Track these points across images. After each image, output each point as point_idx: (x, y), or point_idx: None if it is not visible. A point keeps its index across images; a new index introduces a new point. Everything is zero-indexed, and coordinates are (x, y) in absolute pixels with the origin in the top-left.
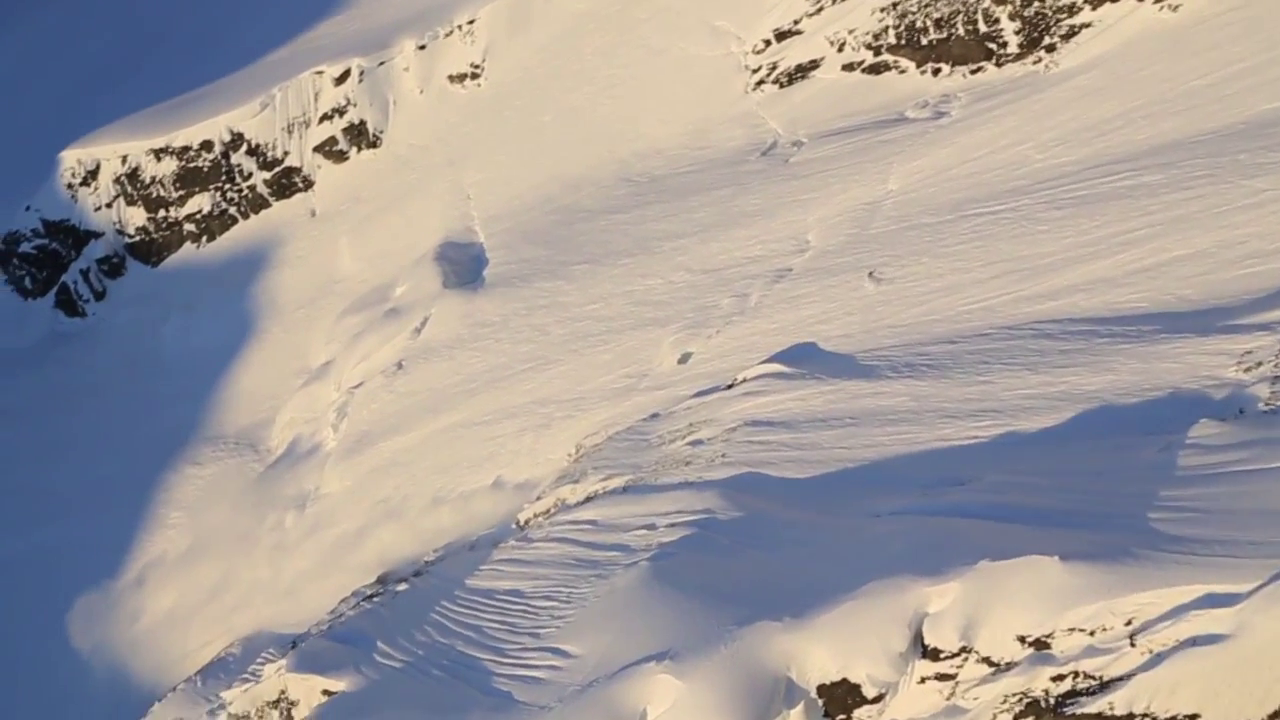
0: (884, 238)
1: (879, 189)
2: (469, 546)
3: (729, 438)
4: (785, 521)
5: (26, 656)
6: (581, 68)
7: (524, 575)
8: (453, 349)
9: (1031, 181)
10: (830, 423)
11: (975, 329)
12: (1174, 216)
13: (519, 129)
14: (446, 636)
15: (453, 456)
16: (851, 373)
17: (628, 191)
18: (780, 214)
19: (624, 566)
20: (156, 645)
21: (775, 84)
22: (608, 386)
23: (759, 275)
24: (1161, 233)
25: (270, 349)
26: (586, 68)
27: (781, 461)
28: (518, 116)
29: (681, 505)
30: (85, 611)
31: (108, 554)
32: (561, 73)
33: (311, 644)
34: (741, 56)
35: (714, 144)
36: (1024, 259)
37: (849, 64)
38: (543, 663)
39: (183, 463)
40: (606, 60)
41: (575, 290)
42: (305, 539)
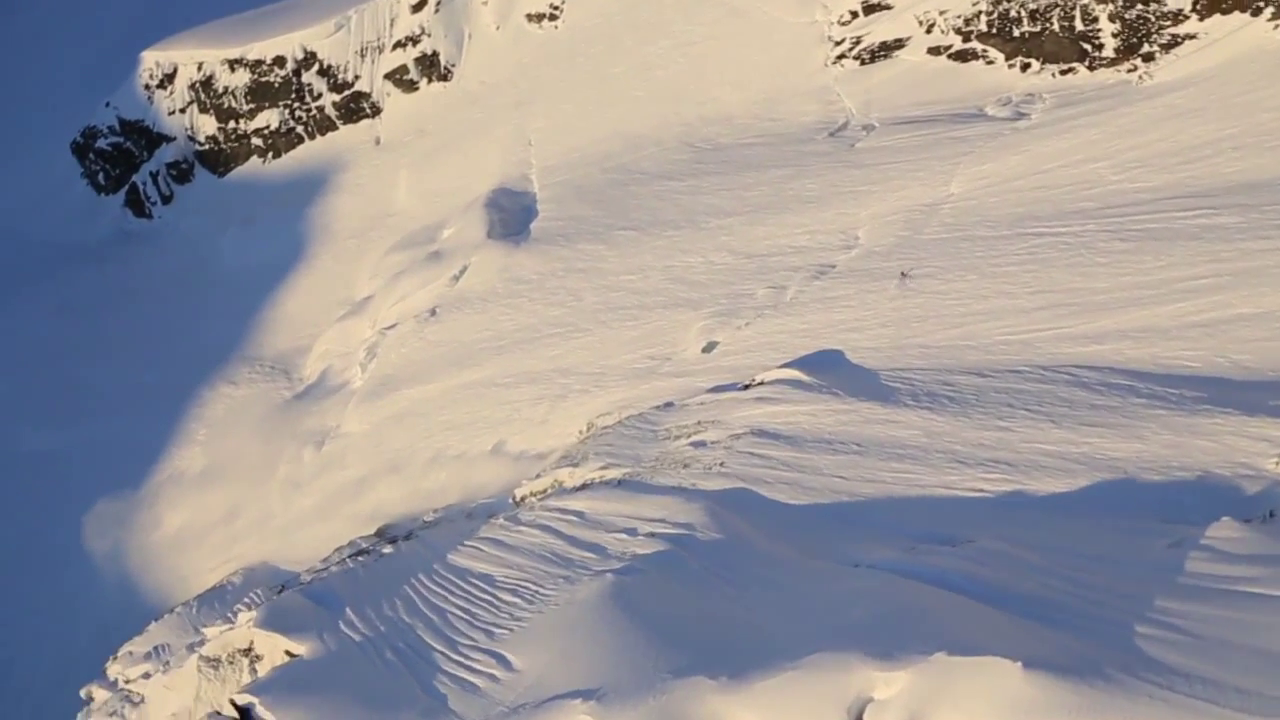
0: (935, 246)
1: (940, 191)
2: (466, 514)
3: (732, 445)
4: (761, 557)
5: (46, 551)
6: (660, 20)
7: (501, 561)
8: (486, 302)
9: (1100, 205)
10: (836, 446)
11: (1009, 363)
12: (1246, 268)
13: (589, 77)
14: (411, 615)
15: (467, 415)
16: (870, 393)
17: (688, 157)
18: (834, 204)
19: (592, 574)
20: (168, 560)
21: (856, 60)
22: (630, 365)
23: (801, 268)
24: (1229, 284)
25: (318, 275)
26: (665, 21)
27: (777, 481)
28: (590, 64)
29: (667, 513)
30: (104, 515)
31: (134, 461)
32: (639, 23)
33: (284, 600)
34: (826, 27)
35: (784, 117)
36: (1076, 292)
37: (935, 48)
38: (485, 669)
39: (219, 379)
40: (686, 16)
41: (615, 257)
42: (316, 477)
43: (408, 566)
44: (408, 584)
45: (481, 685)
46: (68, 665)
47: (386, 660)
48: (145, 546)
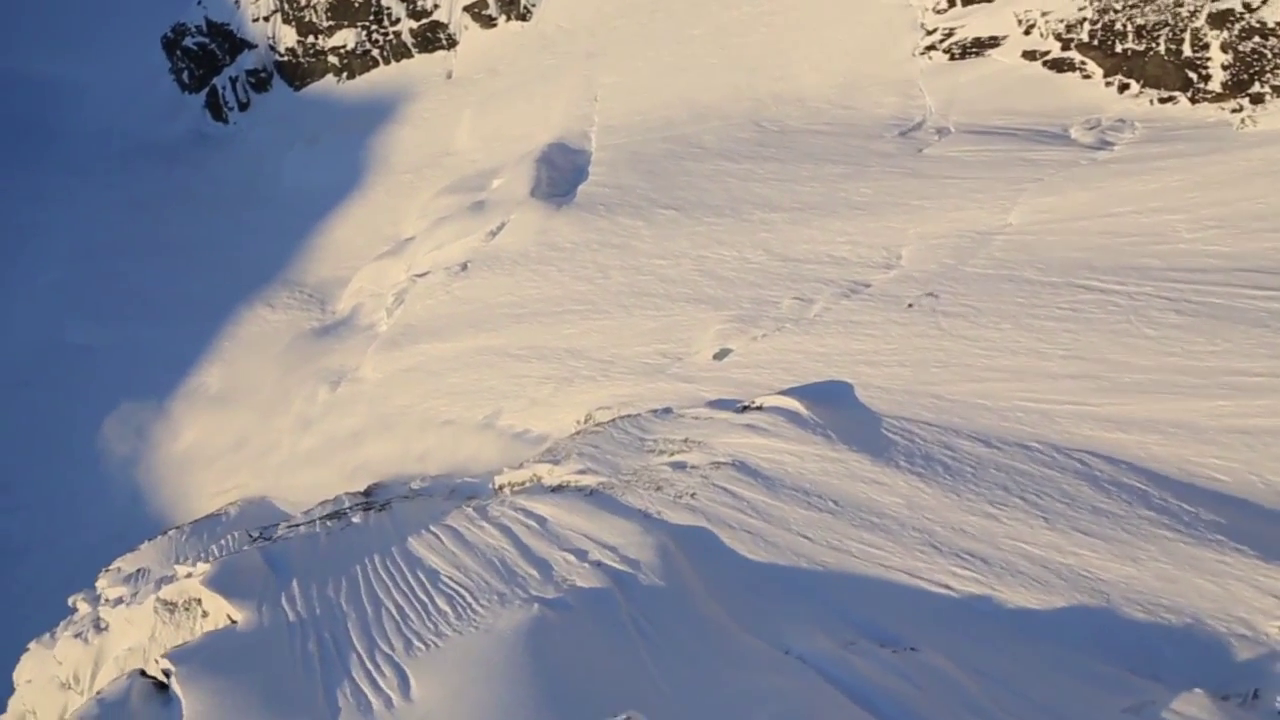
0: (976, 282)
1: (997, 218)
2: (450, 490)
3: (709, 475)
4: (693, 621)
5: (71, 445)
6: None
7: (452, 559)
8: (517, 265)
9: (1164, 264)
10: (812, 499)
11: (1021, 435)
12: None
13: (666, 36)
14: (349, 602)
15: (475, 382)
16: (865, 441)
17: (751, 137)
18: (885, 215)
19: (524, 600)
20: (176, 476)
21: (946, 54)
22: (640, 359)
23: (833, 282)
24: None
25: (369, 207)
26: None
27: (741, 528)
28: (669, 22)
29: (621, 542)
30: (126, 419)
31: (164, 369)
32: None
33: (238, 559)
34: (920, 13)
35: (859, 106)
36: (1112, 365)
37: (1032, 52)
38: (386, 689)
39: (258, 299)
40: None
41: (651, 237)
42: (323, 419)
43: (367, 543)
44: (360, 563)
45: (376, 708)
46: (75, 564)
47: (306, 652)
48: (158, 459)
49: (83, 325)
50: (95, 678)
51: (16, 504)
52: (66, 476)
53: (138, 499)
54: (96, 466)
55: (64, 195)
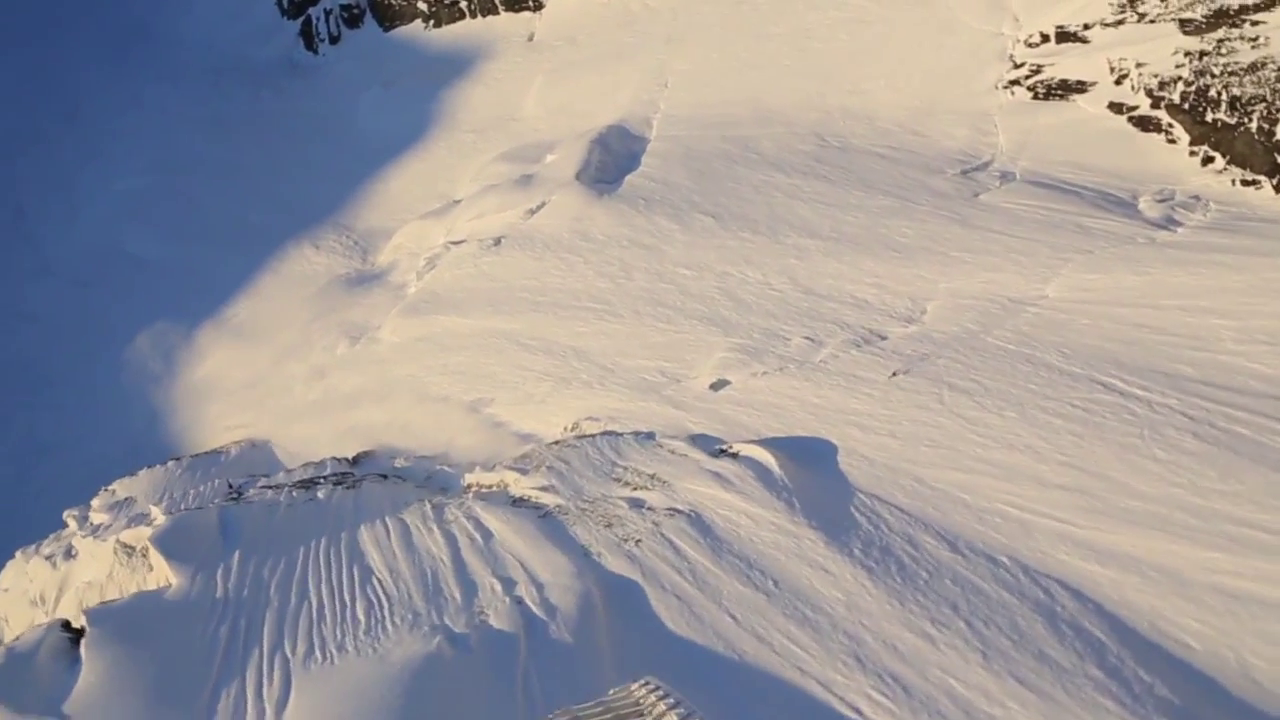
0: (994, 356)
1: (1034, 288)
2: (426, 475)
3: (661, 522)
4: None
5: (107, 354)
6: None
7: (392, 559)
8: (547, 249)
9: (1198, 376)
10: (753, 574)
11: (991, 545)
12: None
13: (746, 30)
14: (280, 587)
15: (479, 364)
16: (828, 517)
17: (810, 150)
18: (920, 262)
19: (430, 629)
20: (191, 404)
21: (1030, 91)
22: (640, 373)
23: (849, 327)
24: None
25: (429, 161)
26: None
27: (672, 591)
28: (752, 16)
29: (550, 579)
30: (157, 339)
31: (204, 294)
32: None
33: (189, 519)
34: (1011, 43)
35: (929, 134)
36: (1111, 484)
37: (1119, 104)
38: (265, 700)
39: (307, 238)
40: None
41: (682, 243)
42: (336, 372)
43: (322, 523)
44: (306, 545)
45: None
46: (89, 473)
47: (217, 636)
48: (178, 384)
49: (142, 236)
50: (58, 603)
51: (51, 401)
52: (99, 384)
53: (154, 420)
54: (125, 380)
55: (154, 103)
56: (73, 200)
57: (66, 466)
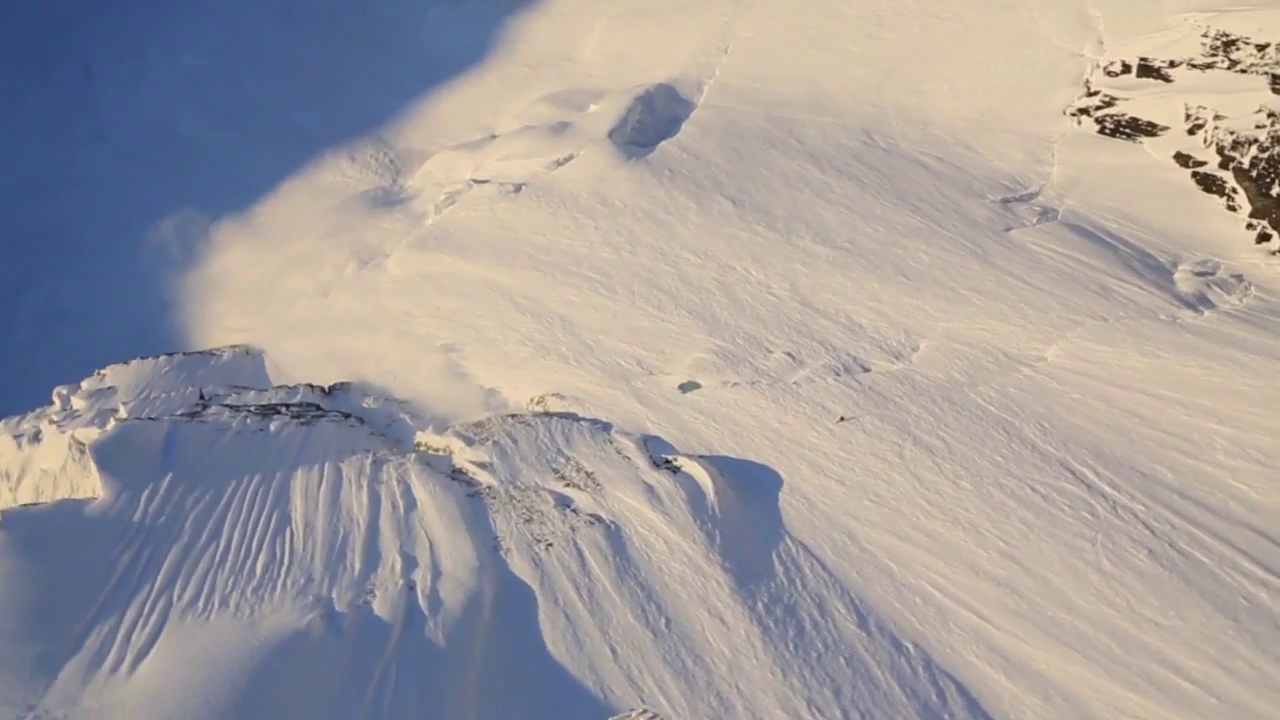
0: (971, 415)
1: (1035, 347)
2: (388, 421)
3: (579, 529)
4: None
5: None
6: None
7: (312, 511)
8: (563, 206)
9: (1177, 484)
10: (648, 608)
11: (902, 627)
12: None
13: (819, 4)
14: (197, 521)
15: (469, 313)
16: (744, 559)
17: (854, 146)
18: (927, 294)
19: (312, 600)
20: (200, 298)
21: (1097, 124)
22: (616, 356)
23: (836, 350)
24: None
25: (479, 89)
26: None
27: (563, 609)
28: None
29: (451, 569)
30: (182, 225)
31: (237, 188)
32: None
33: (133, 431)
34: (1090, 68)
35: (981, 151)
36: (1045, 589)
37: (1186, 156)
38: (130, 649)
39: (344, 150)
40: None
41: (695, 225)
42: (338, 293)
43: (262, 458)
44: (238, 480)
45: (101, 670)
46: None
47: (117, 564)
48: (191, 275)
49: (195, 118)
50: (20, 484)
51: (77, 268)
52: (122, 261)
53: (163, 307)
54: (143, 261)
55: None
56: (139, 70)
57: (79, 338)
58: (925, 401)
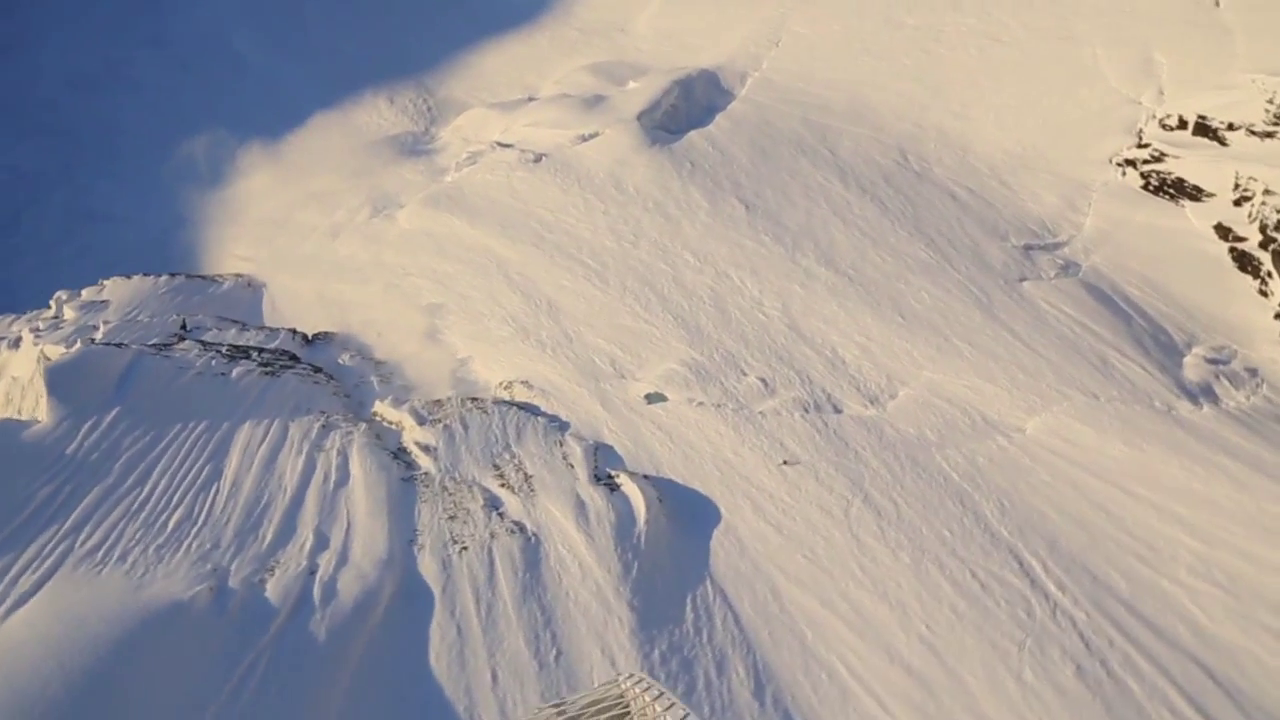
0: (931, 480)
1: (1016, 416)
2: (356, 382)
3: (497, 535)
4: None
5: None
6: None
7: (246, 469)
8: (577, 184)
9: (1125, 597)
10: (540, 638)
11: (797, 704)
12: None
13: (879, 11)
14: (129, 463)
15: (462, 282)
16: (656, 598)
17: (886, 164)
18: (919, 339)
19: (210, 570)
20: (215, 221)
21: (1142, 179)
22: (591, 352)
23: (812, 383)
24: None
25: (527, 48)
26: (991, 1)
27: (455, 621)
28: None
29: (360, 558)
30: (213, 144)
31: (273, 111)
32: None
33: (97, 357)
34: (1145, 117)
35: (1016, 189)
36: (957, 687)
37: (1226, 230)
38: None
39: (386, 89)
40: (1015, 9)
41: (702, 225)
42: (346, 236)
43: (213, 404)
44: (184, 423)
45: None
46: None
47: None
48: (212, 195)
49: (250, 37)
50: None
51: (113, 170)
52: (156, 169)
53: (180, 222)
54: (169, 174)
55: None
56: None
57: (100, 240)
58: (888, 456)
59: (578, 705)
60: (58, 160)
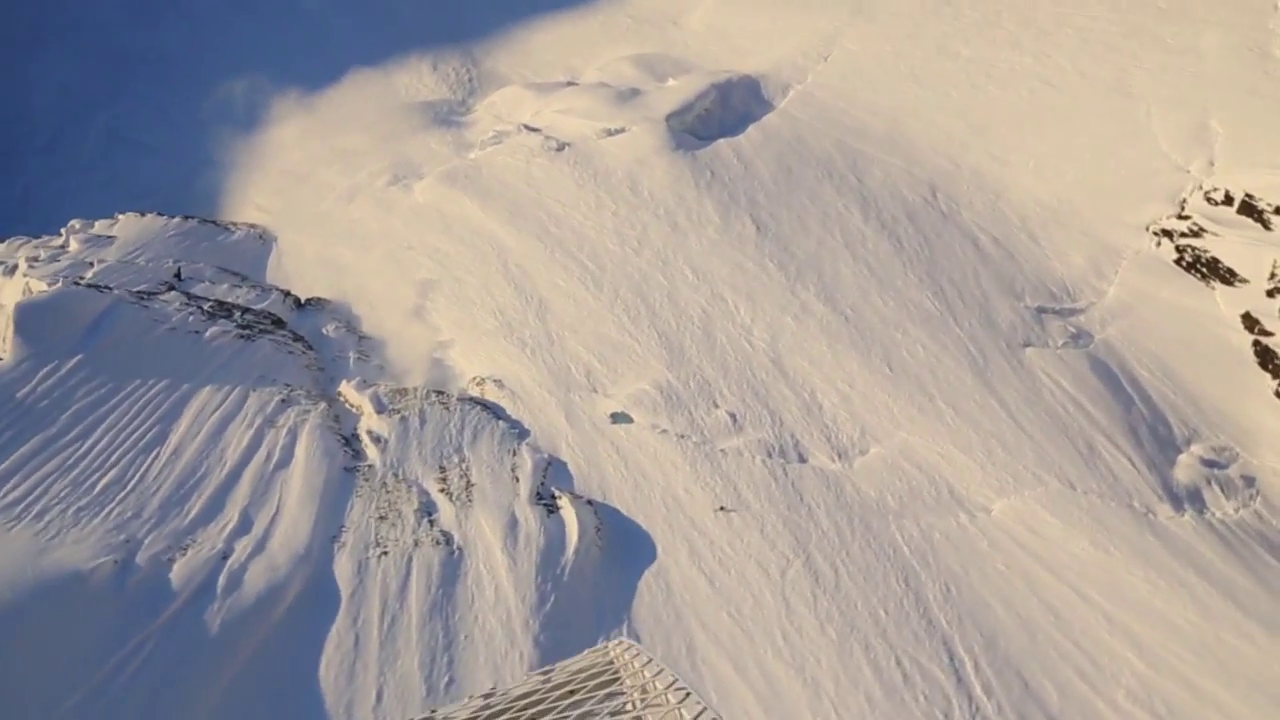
0: (880, 551)
1: (983, 495)
2: (334, 356)
3: (422, 544)
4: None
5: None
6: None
7: (191, 435)
8: (593, 180)
9: (1053, 714)
10: (436, 662)
11: None
12: None
13: (933, 35)
14: (78, 416)
15: (460, 266)
16: (567, 638)
17: (912, 200)
18: (901, 393)
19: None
20: (242, 166)
21: (1176, 252)
22: (569, 360)
23: (783, 425)
24: None
25: (579, 29)
26: (1049, 37)
27: (354, 630)
28: (949, 22)
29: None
30: (252, 89)
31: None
32: (1027, 18)
33: (72, 299)
34: (1189, 187)
35: (1044, 244)
36: None
37: (1254, 321)
38: None
39: (432, 55)
40: (1074, 54)
41: (708, 241)
42: (361, 201)
43: (179, 362)
44: (145, 380)
45: None
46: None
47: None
48: (241, 139)
49: None
50: None
51: (156, 101)
52: (195, 105)
53: (207, 163)
54: (205, 113)
55: None
56: None
57: (131, 169)
58: (841, 518)
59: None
60: (106, 84)
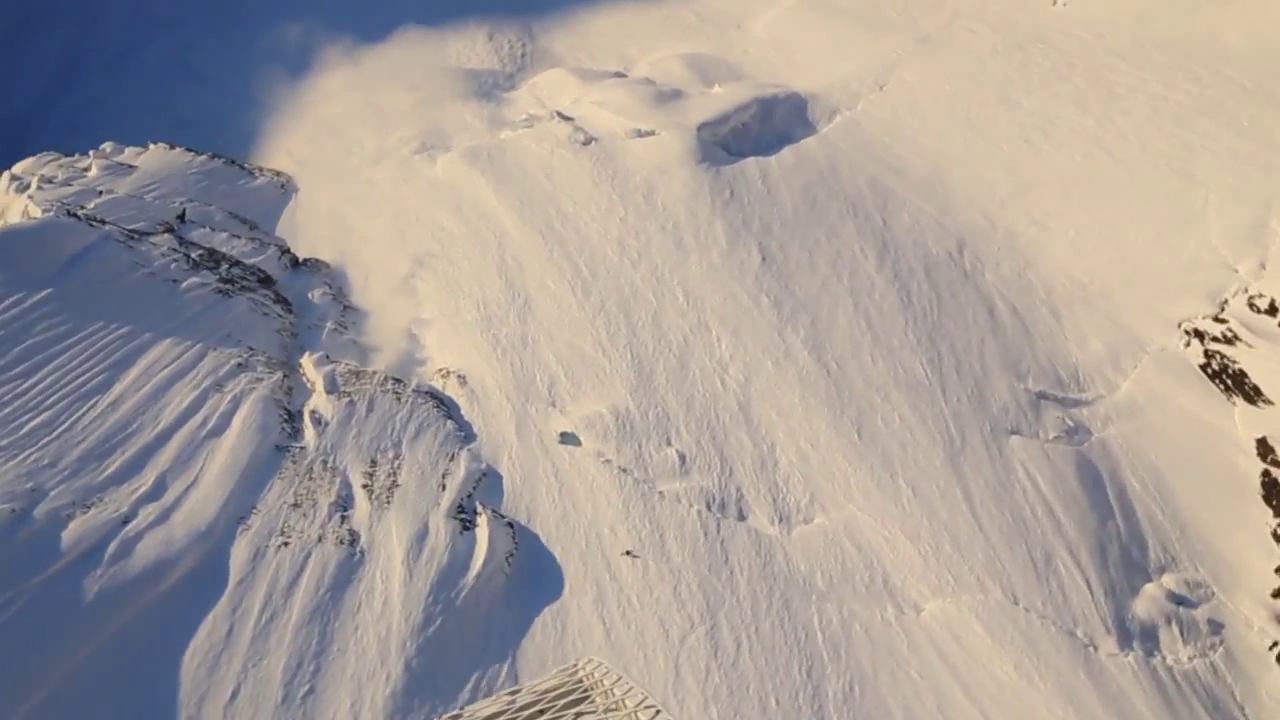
0: (794, 634)
1: (918, 591)
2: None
3: (325, 540)
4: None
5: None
6: (1113, 87)
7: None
8: (608, 180)
9: None
10: (302, 667)
11: None
12: None
13: (996, 81)
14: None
15: (459, 250)
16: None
17: (937, 255)
18: (863, 465)
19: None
20: (276, 111)
21: (1203, 355)
22: (538, 369)
23: (732, 477)
24: None
25: (643, 19)
26: (1119, 107)
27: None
28: (1016, 70)
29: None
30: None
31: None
32: (1095, 73)
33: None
34: (1235, 289)
35: (1067, 322)
36: None
37: (1270, 448)
38: None
39: (490, 25)
40: (1139, 124)
41: (709, 265)
42: (385, 165)
43: (149, 310)
44: (108, 325)
45: None
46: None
47: None
48: (283, 86)
49: None
50: None
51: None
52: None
53: (248, 103)
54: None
55: None
56: None
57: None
58: (761, 589)
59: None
60: (176, 6)
